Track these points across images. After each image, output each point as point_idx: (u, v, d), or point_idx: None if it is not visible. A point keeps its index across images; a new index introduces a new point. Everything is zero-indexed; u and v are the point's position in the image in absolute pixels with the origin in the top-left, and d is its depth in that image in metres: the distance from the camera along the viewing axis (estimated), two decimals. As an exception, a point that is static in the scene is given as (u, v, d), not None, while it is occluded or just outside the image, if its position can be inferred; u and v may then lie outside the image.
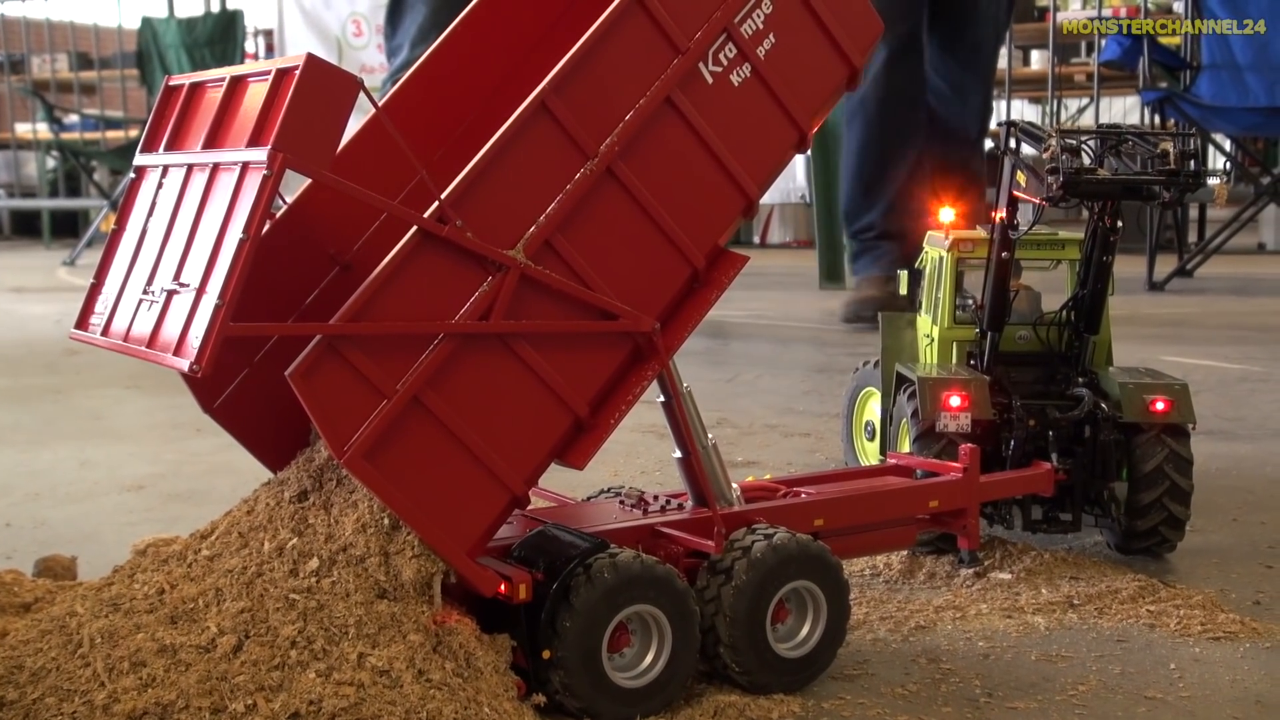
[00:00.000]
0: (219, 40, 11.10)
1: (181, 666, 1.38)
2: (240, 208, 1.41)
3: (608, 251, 1.56)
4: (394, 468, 1.44)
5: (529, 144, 1.50)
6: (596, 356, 1.57)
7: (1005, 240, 2.26)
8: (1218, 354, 4.78)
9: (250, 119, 1.45)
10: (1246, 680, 1.72)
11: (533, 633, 1.49)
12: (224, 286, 1.36)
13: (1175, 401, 2.17)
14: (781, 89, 1.67)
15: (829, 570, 1.68)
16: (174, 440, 3.33)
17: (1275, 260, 9.28)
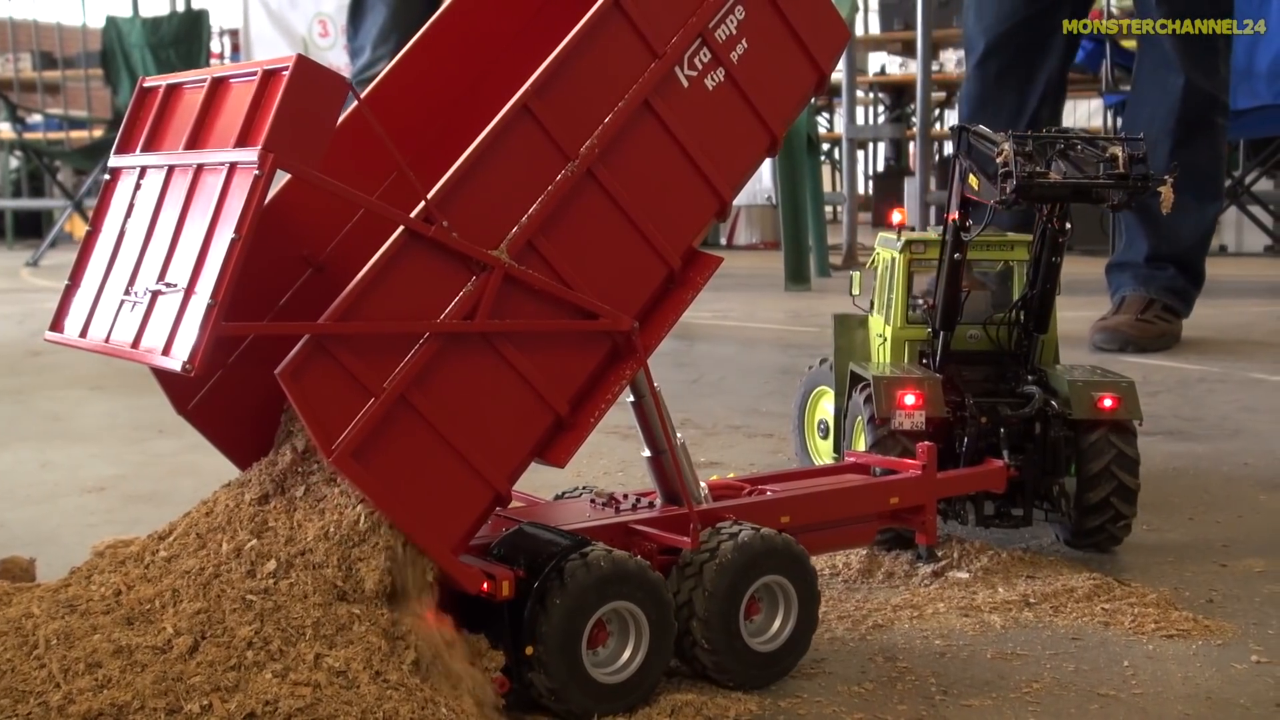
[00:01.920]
0: (184, 40, 11.03)
1: (137, 667, 1.38)
2: (229, 208, 1.42)
3: (587, 252, 1.59)
4: (381, 466, 1.46)
5: (512, 146, 1.53)
6: (576, 356, 1.60)
7: (958, 242, 2.32)
8: (1178, 354, 4.83)
9: (235, 120, 1.46)
10: (1198, 677, 1.74)
11: (515, 630, 1.51)
12: (216, 286, 1.37)
13: (1122, 399, 2.23)
14: (754, 93, 1.71)
15: (798, 563, 1.71)
16: (136, 442, 3.32)
17: (1236, 262, 9.36)
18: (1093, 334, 5.02)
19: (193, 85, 1.60)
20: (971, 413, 2.26)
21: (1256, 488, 2.79)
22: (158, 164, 1.59)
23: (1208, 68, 5.07)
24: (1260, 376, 4.28)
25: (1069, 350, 4.87)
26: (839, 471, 2.21)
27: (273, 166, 1.38)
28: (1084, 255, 10.01)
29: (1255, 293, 7.28)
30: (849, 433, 2.41)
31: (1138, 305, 5.06)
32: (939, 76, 11.62)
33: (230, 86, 1.53)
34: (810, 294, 6.88)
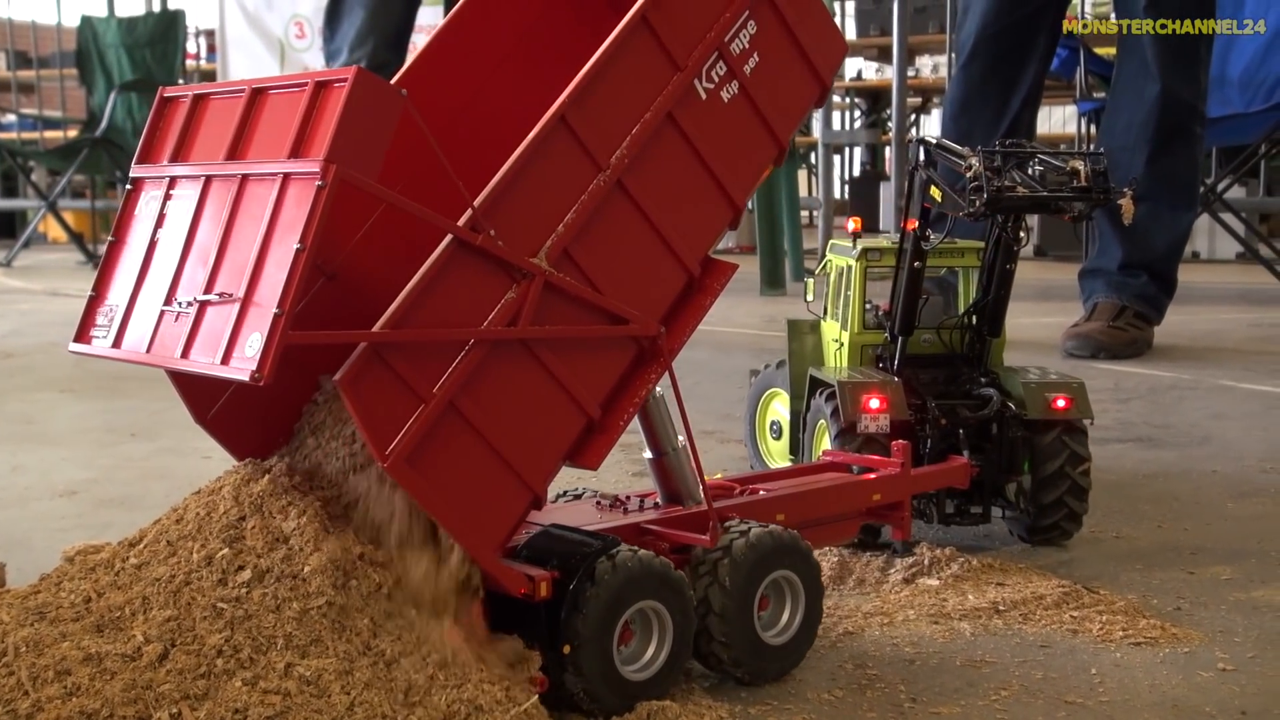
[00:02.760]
0: (160, 40, 10.99)
1: (107, 675, 1.38)
2: (286, 218, 1.44)
3: (616, 259, 1.65)
4: (431, 471, 1.50)
5: (549, 156, 1.57)
6: (606, 360, 1.66)
7: (918, 250, 2.42)
8: (1149, 361, 4.86)
9: (282, 130, 1.48)
10: (1165, 685, 1.75)
11: (552, 629, 1.55)
12: (283, 296, 1.39)
13: (1074, 399, 2.35)
14: (764, 105, 1.78)
15: (805, 559, 1.78)
16: (108, 445, 3.31)
17: (1208, 269, 9.42)
18: (1065, 340, 5.05)
19: (225, 95, 1.62)
20: (934, 415, 2.36)
21: (1225, 495, 2.81)
22: (192, 174, 1.60)
23: (1187, 76, 5.11)
24: (1230, 383, 4.31)
25: (1042, 356, 4.90)
26: (818, 470, 2.26)
27: (335, 178, 1.40)
28: (1057, 261, 10.06)
29: (1226, 300, 7.33)
30: (810, 435, 2.49)
31: (1110, 312, 5.09)
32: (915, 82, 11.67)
33: (271, 97, 1.55)
34: (785, 298, 6.90)
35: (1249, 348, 5.29)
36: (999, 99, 5.28)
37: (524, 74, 1.57)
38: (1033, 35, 5.26)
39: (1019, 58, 5.26)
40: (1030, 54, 5.28)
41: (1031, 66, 5.29)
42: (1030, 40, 5.26)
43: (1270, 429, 3.55)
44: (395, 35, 5.85)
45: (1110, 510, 2.68)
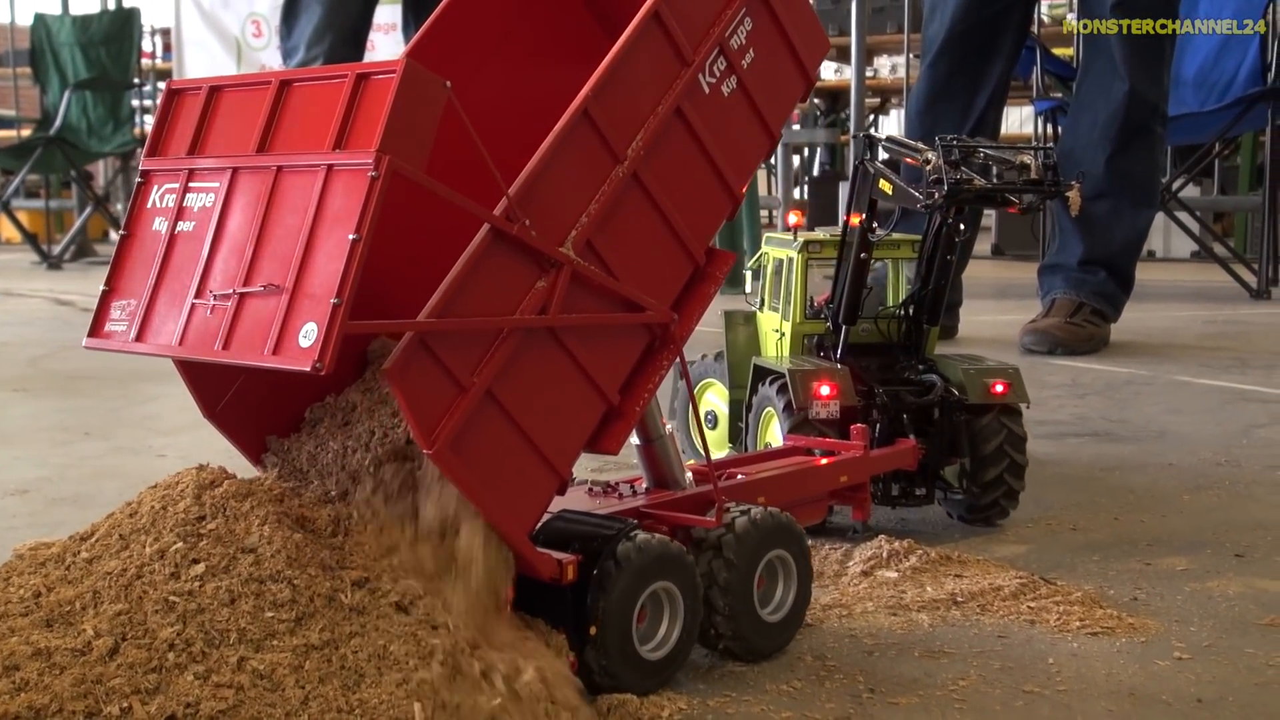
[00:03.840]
0: (115, 39, 10.90)
1: (56, 670, 1.36)
2: (334, 209, 1.44)
3: (631, 249, 1.70)
4: (471, 458, 1.53)
5: (573, 148, 1.61)
6: (624, 347, 1.71)
7: (864, 242, 2.52)
8: (1106, 357, 4.89)
9: (318, 122, 1.49)
10: (1121, 674, 1.76)
11: (579, 611, 1.60)
12: (340, 286, 1.40)
13: (1011, 384, 2.45)
14: (760, 99, 1.84)
15: (799, 539, 1.85)
16: (61, 444, 3.27)
17: (1164, 267, 9.50)
18: (1022, 336, 5.07)
19: (245, 87, 1.62)
20: (882, 400, 2.45)
21: (1180, 488, 2.83)
22: (215, 167, 1.59)
23: (1152, 75, 5.16)
24: (1185, 379, 4.34)
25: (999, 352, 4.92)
26: (785, 455, 2.33)
27: (389, 168, 1.41)
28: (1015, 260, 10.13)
29: (1182, 297, 7.39)
30: (755, 423, 2.57)
31: (1067, 308, 5.12)
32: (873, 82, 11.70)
33: (300, 89, 1.56)
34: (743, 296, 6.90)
35: (1204, 344, 5.34)
36: (965, 97, 5.31)
37: (507, 74, 1.58)
38: (999, 34, 5.30)
39: (985, 56, 5.30)
40: (996, 53, 5.31)
41: (997, 65, 5.32)
42: (997, 39, 5.30)
43: (1224, 423, 3.58)
44: (352, 32, 5.82)
45: (1068, 503, 2.70)
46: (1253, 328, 5.94)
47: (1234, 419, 3.65)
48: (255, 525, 1.53)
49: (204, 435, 3.38)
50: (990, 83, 5.29)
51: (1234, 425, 3.55)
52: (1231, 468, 3.03)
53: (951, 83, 5.32)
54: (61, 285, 8.52)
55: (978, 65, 5.28)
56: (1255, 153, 9.85)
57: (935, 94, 5.35)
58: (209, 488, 1.60)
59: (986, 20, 5.26)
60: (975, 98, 5.28)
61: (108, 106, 10.89)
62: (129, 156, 11.56)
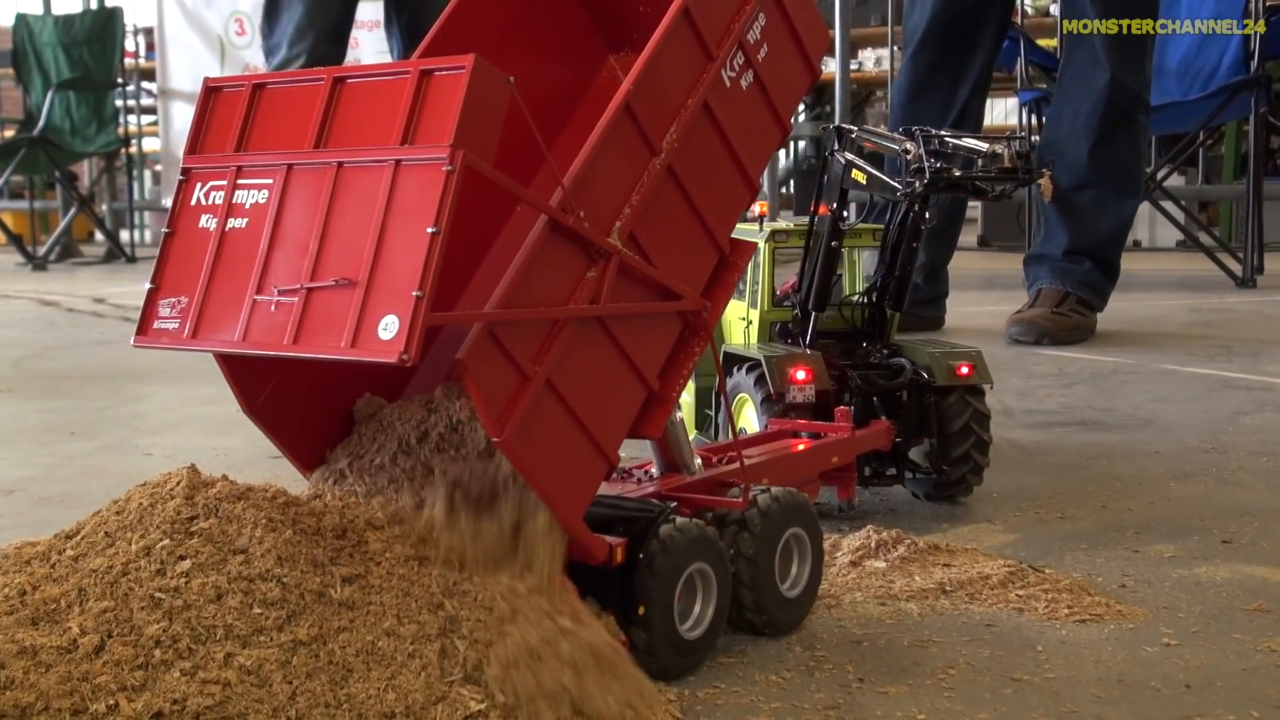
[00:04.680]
0: (98, 38, 10.86)
1: (42, 668, 1.35)
2: (405, 204, 1.46)
3: (666, 238, 1.75)
4: (535, 446, 1.56)
5: (616, 142, 1.65)
6: (661, 334, 1.77)
7: (835, 231, 2.60)
8: (1093, 347, 4.90)
9: (380, 118, 1.51)
10: (1110, 661, 1.76)
11: (627, 592, 1.65)
12: (422, 279, 1.42)
13: (975, 365, 2.53)
14: (773, 92, 1.89)
15: (812, 517, 1.91)
16: (47, 444, 3.26)
17: (1149, 257, 9.52)
18: (1009, 326, 5.08)
19: (293, 84, 1.64)
20: (855, 384, 2.52)
21: (1167, 476, 2.84)
22: (267, 164, 1.60)
23: (1135, 65, 5.17)
24: (1172, 368, 4.36)
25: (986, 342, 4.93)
26: (775, 438, 2.38)
27: (463, 163, 1.43)
28: (1001, 250, 10.14)
29: (1167, 286, 7.41)
30: (728, 408, 2.63)
31: (1053, 298, 5.13)
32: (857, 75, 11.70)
33: (355, 86, 1.58)
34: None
35: (1189, 333, 5.36)
36: (947, 89, 5.32)
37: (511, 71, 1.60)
38: (980, 26, 5.31)
39: (967, 48, 5.31)
40: (978, 44, 5.32)
41: (979, 57, 5.33)
42: (978, 31, 5.31)
43: (1211, 411, 3.59)
44: (334, 29, 5.81)
45: (1055, 491, 2.70)
46: (1238, 316, 5.96)
47: (1220, 406, 3.66)
48: (248, 528, 1.52)
49: (190, 434, 3.38)
50: (972, 74, 5.30)
51: (1220, 412, 3.56)
52: (1218, 455, 3.04)
53: (933, 75, 5.32)
54: (46, 286, 8.50)
55: (959, 57, 5.29)
56: (1239, 141, 9.87)
57: (917, 86, 5.36)
58: (202, 488, 1.59)
59: (967, 12, 5.27)
60: (957, 89, 5.29)
61: (91, 106, 10.86)
62: (113, 156, 11.53)
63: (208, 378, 4.20)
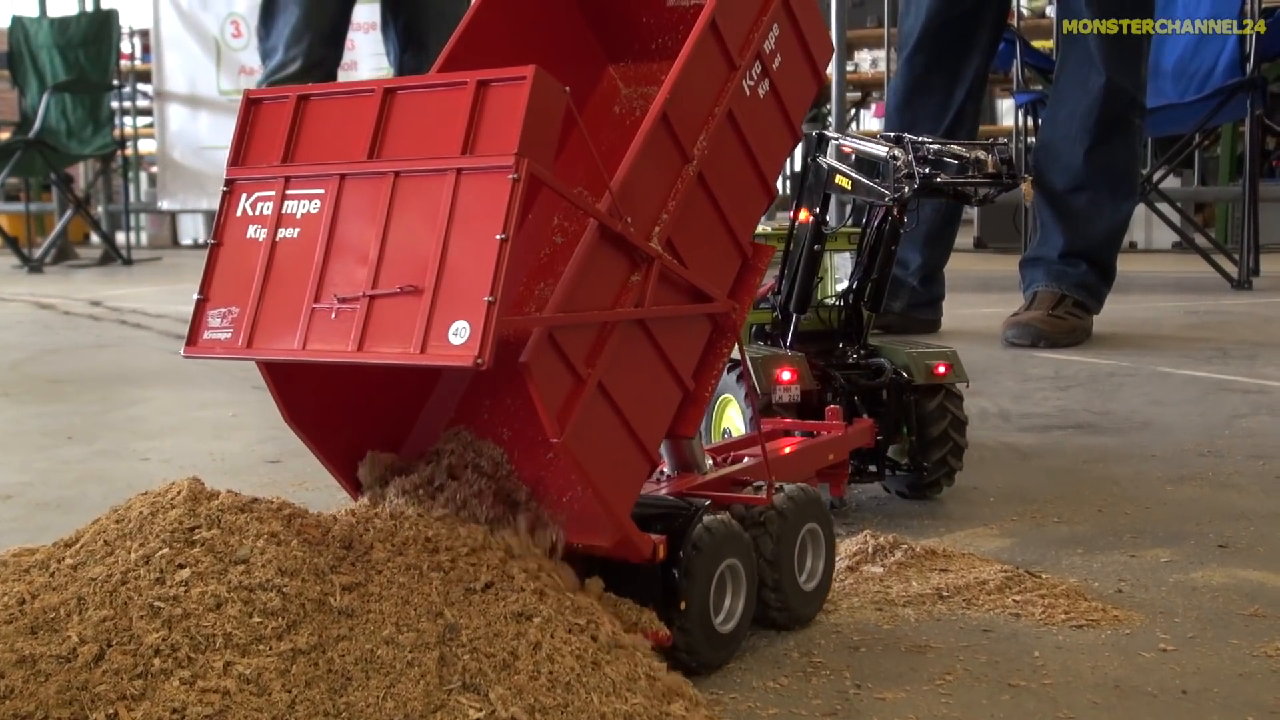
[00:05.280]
0: (93, 41, 10.87)
1: (41, 677, 1.36)
2: (468, 212, 1.49)
3: (697, 243, 1.80)
4: (590, 447, 1.61)
5: (654, 149, 1.69)
6: (695, 336, 1.82)
7: (818, 234, 2.67)
8: (1089, 349, 4.91)
9: (437, 128, 1.54)
10: (1106, 666, 1.77)
11: (669, 588, 1.69)
12: (493, 284, 1.45)
13: (952, 365, 2.60)
14: (786, 100, 1.94)
15: (826, 512, 1.98)
16: (44, 448, 3.26)
17: (1145, 258, 9.54)
18: (1005, 329, 5.09)
19: (342, 96, 1.66)
20: (838, 383, 2.58)
21: (1164, 480, 2.84)
22: (317, 174, 1.62)
23: (1130, 67, 5.18)
24: (1168, 370, 4.36)
25: (983, 345, 4.94)
26: (770, 437, 2.41)
27: (528, 171, 1.46)
28: (997, 253, 10.15)
29: (1163, 288, 7.43)
30: (711, 409, 2.66)
31: (1050, 301, 5.14)
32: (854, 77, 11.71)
33: (408, 97, 1.60)
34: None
35: (1186, 335, 5.36)
36: (943, 92, 5.33)
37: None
38: (976, 28, 5.32)
39: (963, 50, 5.32)
40: (974, 47, 5.33)
41: (975, 59, 5.34)
42: (974, 33, 5.32)
43: (1207, 414, 3.60)
44: (331, 31, 5.82)
45: (1052, 496, 2.71)
46: (1234, 318, 5.97)
47: (1216, 409, 3.67)
48: (250, 539, 1.52)
49: (187, 439, 3.38)
50: (968, 76, 5.31)
51: (1216, 416, 3.57)
52: (1214, 458, 3.04)
53: (929, 77, 5.33)
54: (43, 289, 8.50)
55: (955, 59, 5.29)
56: (1235, 143, 9.89)
57: (913, 89, 5.37)
58: (204, 499, 1.59)
59: (962, 14, 5.28)
60: (953, 92, 5.30)
61: (87, 109, 10.85)
62: (109, 159, 11.53)
63: (204, 382, 4.21)
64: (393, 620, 1.50)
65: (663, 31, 2.15)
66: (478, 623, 1.53)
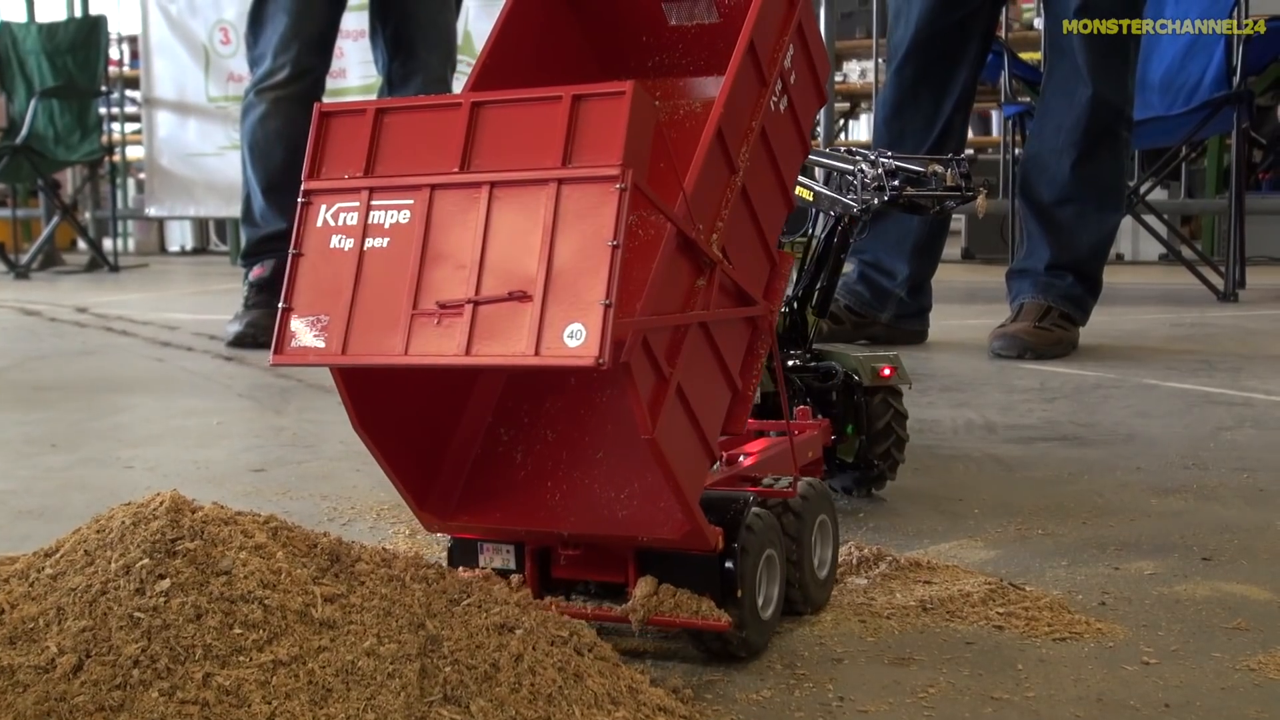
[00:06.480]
0: (82, 47, 10.85)
1: (19, 688, 1.35)
2: (575, 220, 1.54)
3: (741, 250, 1.88)
4: (674, 444, 1.69)
5: (712, 161, 1.77)
6: (739, 337, 1.91)
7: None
8: (1075, 361, 4.92)
9: (531, 141, 1.59)
10: (1089, 680, 1.77)
11: (726, 576, 1.77)
12: (608, 288, 1.51)
13: (896, 368, 2.72)
14: (800, 115, 2.02)
15: (832, 503, 2.09)
16: (27, 456, 3.25)
17: (1132, 270, 9.56)
18: (991, 340, 5.10)
19: (424, 109, 1.69)
20: (796, 385, 2.69)
21: (1148, 492, 2.85)
22: (406, 185, 1.66)
23: (1116, 81, 5.19)
24: (1153, 382, 4.37)
25: (969, 356, 4.95)
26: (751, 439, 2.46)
27: (633, 181, 1.53)
28: (983, 264, 10.17)
29: (1150, 300, 7.44)
30: None
31: (1036, 313, 5.15)
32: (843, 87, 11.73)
33: (496, 110, 1.64)
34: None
35: (1171, 347, 5.38)
36: (931, 104, 5.34)
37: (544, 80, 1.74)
38: (965, 40, 5.33)
39: (951, 62, 5.33)
40: (962, 59, 5.34)
41: (964, 71, 5.36)
42: (962, 45, 5.33)
43: (1192, 426, 3.60)
44: (319, 39, 5.81)
45: (1036, 508, 2.71)
46: (1219, 330, 5.98)
47: (1201, 422, 3.67)
48: (233, 550, 1.52)
49: (171, 447, 3.37)
50: (956, 89, 5.32)
51: (1201, 428, 3.58)
52: (1199, 471, 3.05)
53: (917, 90, 5.34)
54: (29, 295, 8.48)
55: (943, 72, 5.31)
56: (1221, 156, 9.92)
57: (901, 101, 5.38)
58: (187, 510, 1.58)
59: (951, 26, 5.29)
60: (942, 104, 5.31)
61: (75, 115, 10.83)
62: (96, 165, 11.50)
63: (188, 390, 4.20)
64: (374, 631, 1.50)
65: (661, 50, 2.19)
66: (459, 634, 1.53)
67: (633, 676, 1.59)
